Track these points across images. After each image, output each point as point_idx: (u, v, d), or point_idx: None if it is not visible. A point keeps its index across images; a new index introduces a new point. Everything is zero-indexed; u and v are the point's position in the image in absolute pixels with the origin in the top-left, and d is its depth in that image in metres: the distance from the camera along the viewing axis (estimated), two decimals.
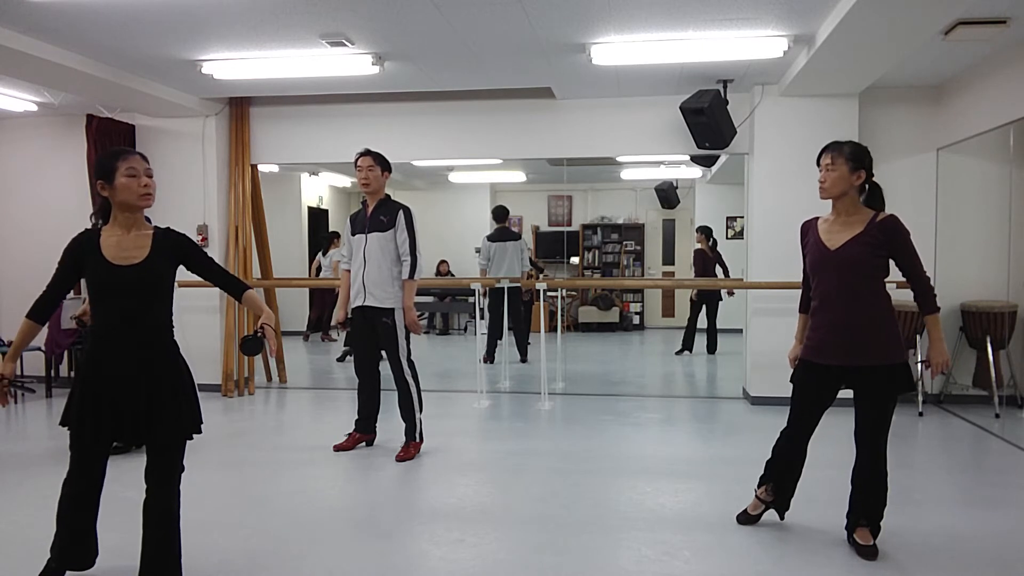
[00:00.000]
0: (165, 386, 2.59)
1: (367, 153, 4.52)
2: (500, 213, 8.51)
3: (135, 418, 2.56)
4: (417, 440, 4.60)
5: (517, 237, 8.39)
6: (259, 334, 2.71)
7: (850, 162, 3.02)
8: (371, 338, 4.60)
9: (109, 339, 2.59)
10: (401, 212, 4.50)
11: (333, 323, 5.16)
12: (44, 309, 2.70)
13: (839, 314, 3.04)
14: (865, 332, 3.00)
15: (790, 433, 3.26)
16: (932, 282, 3.11)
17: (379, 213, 4.50)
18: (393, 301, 4.49)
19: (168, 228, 2.71)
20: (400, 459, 4.47)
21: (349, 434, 4.77)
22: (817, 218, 3.22)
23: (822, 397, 3.16)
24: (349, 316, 4.69)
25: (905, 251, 2.99)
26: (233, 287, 2.78)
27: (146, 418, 2.56)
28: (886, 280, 3.06)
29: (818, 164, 3.12)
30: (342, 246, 4.79)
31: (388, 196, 4.60)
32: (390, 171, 4.60)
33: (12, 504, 3.76)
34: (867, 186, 3.10)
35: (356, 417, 4.78)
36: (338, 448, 4.68)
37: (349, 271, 4.63)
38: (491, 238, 8.38)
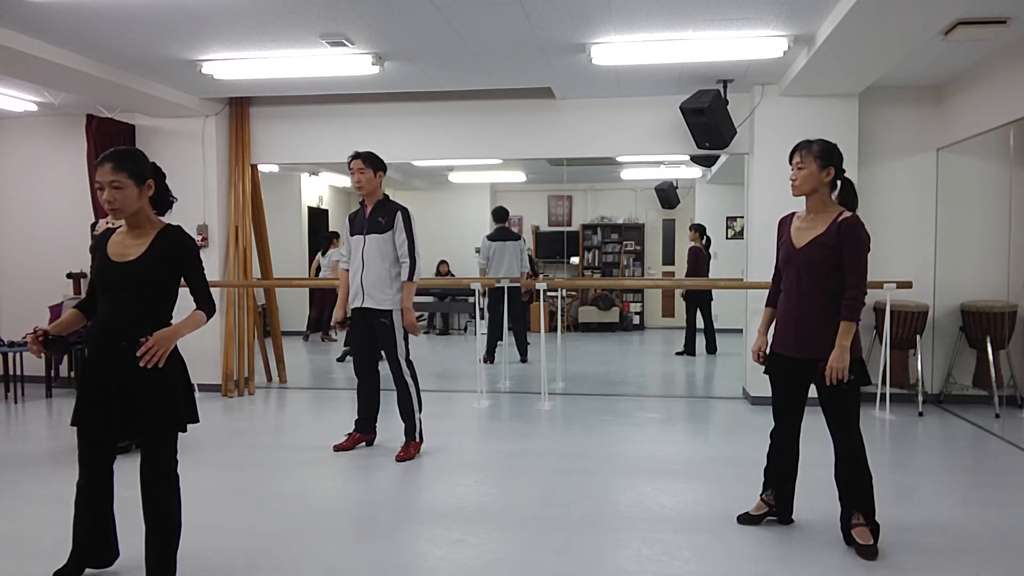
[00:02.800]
0: (149, 382, 2.59)
1: (357, 156, 4.48)
2: (500, 213, 8.52)
3: (122, 413, 2.60)
4: (417, 440, 4.60)
5: (517, 237, 8.40)
6: (140, 339, 2.52)
7: (819, 160, 3.08)
8: (370, 339, 4.60)
9: (104, 334, 2.64)
10: (399, 213, 4.47)
11: (332, 323, 5.16)
12: (88, 304, 2.77)
13: (794, 308, 3.14)
14: (816, 327, 3.07)
15: (777, 431, 3.33)
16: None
17: (377, 214, 4.48)
18: (391, 303, 4.49)
19: (176, 227, 2.70)
20: (400, 459, 4.47)
21: (349, 434, 4.77)
22: (794, 213, 3.28)
23: (793, 388, 3.23)
24: (348, 316, 4.69)
25: (852, 255, 3.01)
26: (197, 302, 2.70)
27: (131, 413, 2.60)
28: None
29: (790, 162, 3.17)
30: (342, 245, 4.78)
31: (387, 196, 4.57)
32: (384, 170, 4.55)
33: (12, 504, 3.76)
34: (840, 183, 3.16)
35: (356, 417, 4.78)
36: (338, 448, 4.68)
37: (348, 271, 4.63)
38: (491, 238, 8.39)
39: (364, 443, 4.78)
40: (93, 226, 5.19)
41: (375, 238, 4.45)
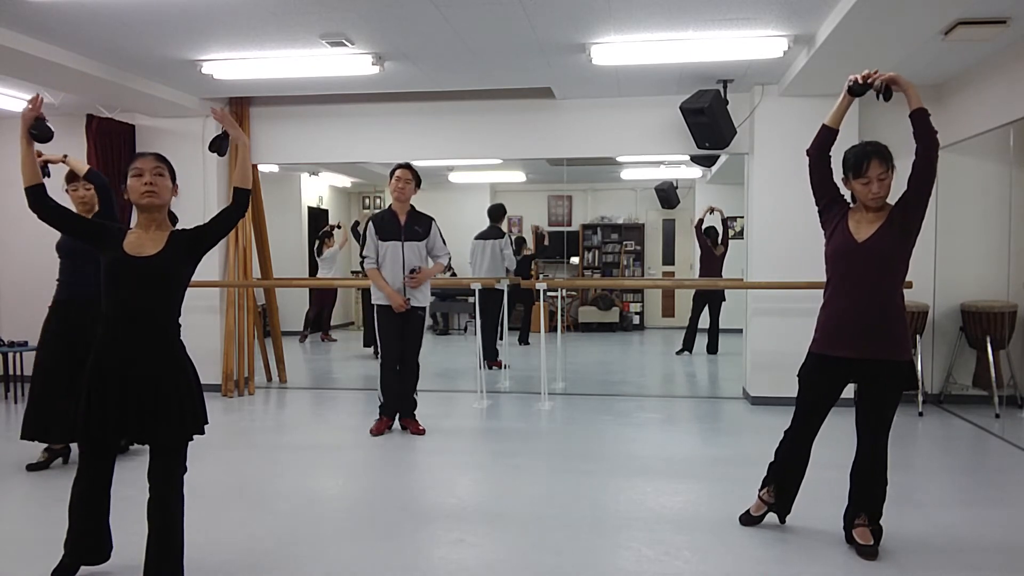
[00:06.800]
0: (168, 386, 2.59)
1: (408, 167, 5.01)
2: (493, 211, 8.39)
3: (139, 417, 2.58)
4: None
5: (499, 235, 8.30)
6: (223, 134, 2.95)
7: (893, 167, 3.17)
8: (403, 333, 5.05)
9: (116, 334, 2.62)
10: (433, 224, 5.12)
11: (396, 308, 5.05)
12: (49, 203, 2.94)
13: (855, 306, 3.05)
14: (879, 326, 3.02)
15: (795, 432, 3.24)
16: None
17: (413, 224, 5.02)
18: (427, 300, 5.16)
19: (184, 228, 2.81)
20: (422, 431, 5.03)
21: (380, 419, 5.12)
22: (849, 204, 3.23)
23: (831, 392, 3.16)
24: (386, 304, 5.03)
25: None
26: (234, 196, 2.90)
27: (150, 418, 2.58)
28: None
29: (860, 172, 3.12)
30: (367, 246, 5.04)
31: (414, 207, 5.09)
32: (420, 186, 5.09)
33: (12, 504, 3.76)
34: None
35: (380, 403, 5.11)
36: (375, 433, 5.03)
37: (376, 269, 5.00)
38: (476, 236, 8.38)
39: (389, 427, 5.15)
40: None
41: (414, 245, 4.99)
